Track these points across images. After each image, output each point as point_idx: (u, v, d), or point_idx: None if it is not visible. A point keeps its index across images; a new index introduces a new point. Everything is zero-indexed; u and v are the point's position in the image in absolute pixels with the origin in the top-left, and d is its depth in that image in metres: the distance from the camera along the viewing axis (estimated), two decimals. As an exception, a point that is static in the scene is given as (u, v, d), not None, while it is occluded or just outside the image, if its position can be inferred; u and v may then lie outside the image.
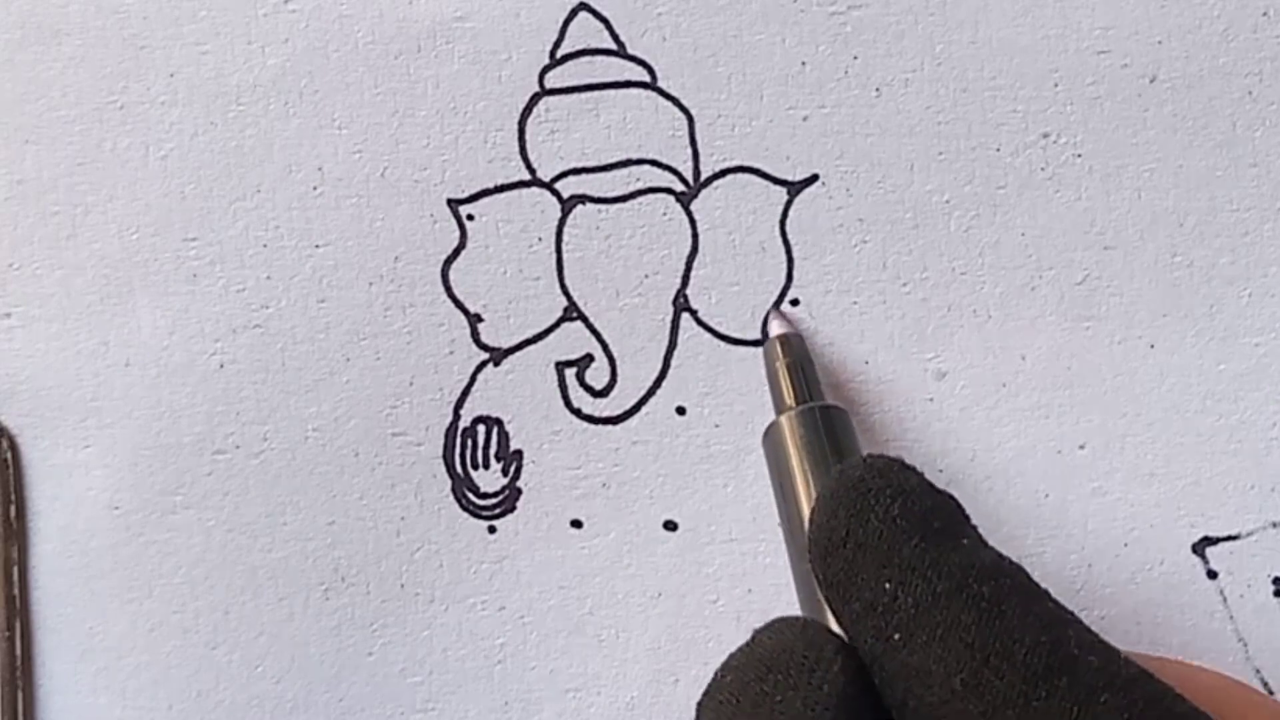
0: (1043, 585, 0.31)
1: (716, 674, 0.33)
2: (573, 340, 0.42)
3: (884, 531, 0.32)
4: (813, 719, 0.30)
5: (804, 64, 0.42)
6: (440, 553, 0.42)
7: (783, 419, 0.39)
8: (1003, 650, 0.29)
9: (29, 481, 0.43)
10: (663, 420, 0.42)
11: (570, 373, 0.42)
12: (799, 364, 0.40)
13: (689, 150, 0.42)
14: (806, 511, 0.37)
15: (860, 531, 0.32)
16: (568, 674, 0.42)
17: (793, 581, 0.37)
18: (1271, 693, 0.41)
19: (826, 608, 0.33)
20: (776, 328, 0.42)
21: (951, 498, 0.33)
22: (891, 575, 0.31)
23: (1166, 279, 0.42)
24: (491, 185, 0.42)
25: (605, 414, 0.42)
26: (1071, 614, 0.31)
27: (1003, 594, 0.30)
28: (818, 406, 0.39)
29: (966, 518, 0.33)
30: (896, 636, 0.30)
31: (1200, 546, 0.41)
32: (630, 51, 0.42)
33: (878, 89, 0.42)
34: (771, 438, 0.39)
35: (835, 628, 0.33)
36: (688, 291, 0.42)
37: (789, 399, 0.40)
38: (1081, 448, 0.42)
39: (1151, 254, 0.42)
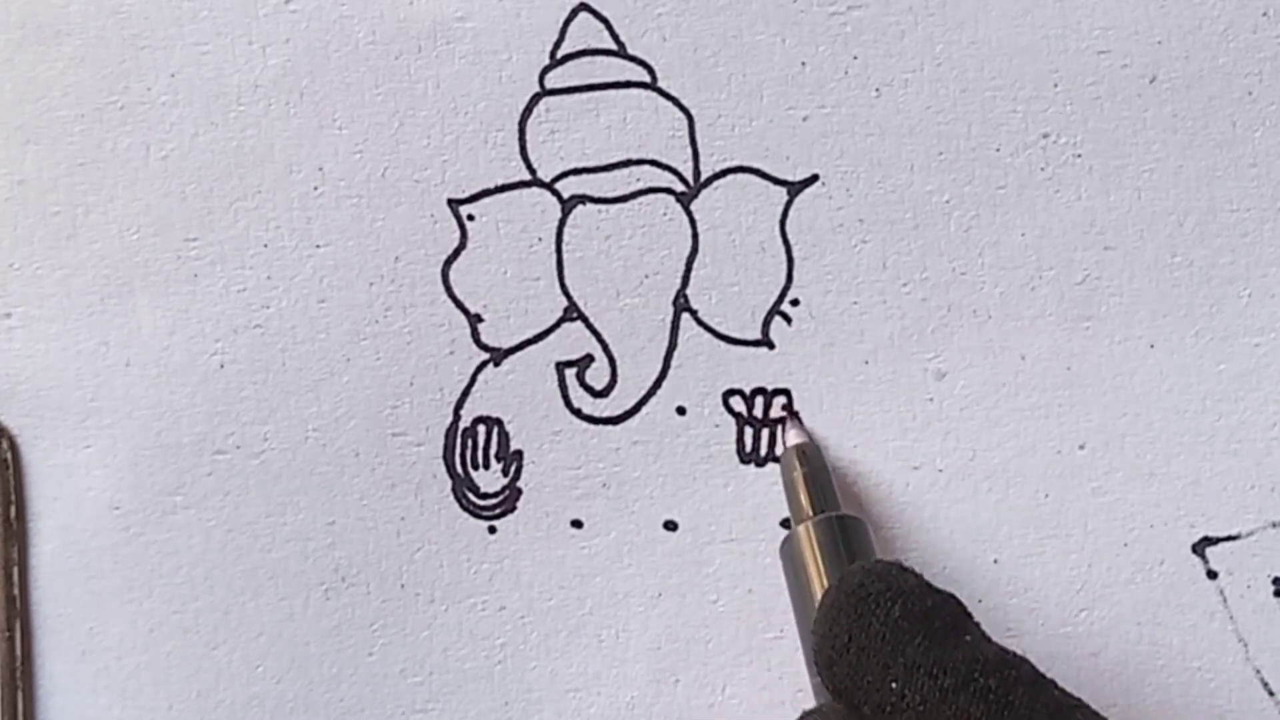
0: (1048, 675, 0.32)
1: None
2: (573, 340, 0.42)
3: (886, 634, 0.33)
4: None
5: (804, 64, 0.42)
6: (440, 553, 0.42)
7: (801, 529, 0.39)
8: None
9: (29, 481, 0.43)
10: (663, 420, 0.42)
11: (570, 373, 0.42)
12: (816, 474, 0.40)
13: (689, 150, 0.42)
14: None
15: (862, 635, 0.33)
16: (568, 674, 0.42)
17: (811, 692, 0.37)
18: (1272, 694, 0.41)
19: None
20: (794, 437, 0.41)
21: (952, 596, 0.34)
22: (897, 675, 0.32)
23: (1166, 279, 0.42)
24: (492, 185, 0.42)
25: (605, 414, 0.42)
26: (1077, 700, 0.32)
27: (1009, 686, 0.31)
28: (835, 516, 0.39)
29: (968, 614, 0.34)
30: None
31: (1200, 546, 0.41)
32: (630, 52, 0.42)
33: (878, 89, 0.42)
34: (789, 547, 0.39)
35: None
36: (688, 291, 0.42)
37: (807, 509, 0.40)
38: (1081, 448, 0.42)
39: (1151, 254, 0.42)
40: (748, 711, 0.42)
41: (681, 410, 0.42)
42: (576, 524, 0.42)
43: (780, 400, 0.42)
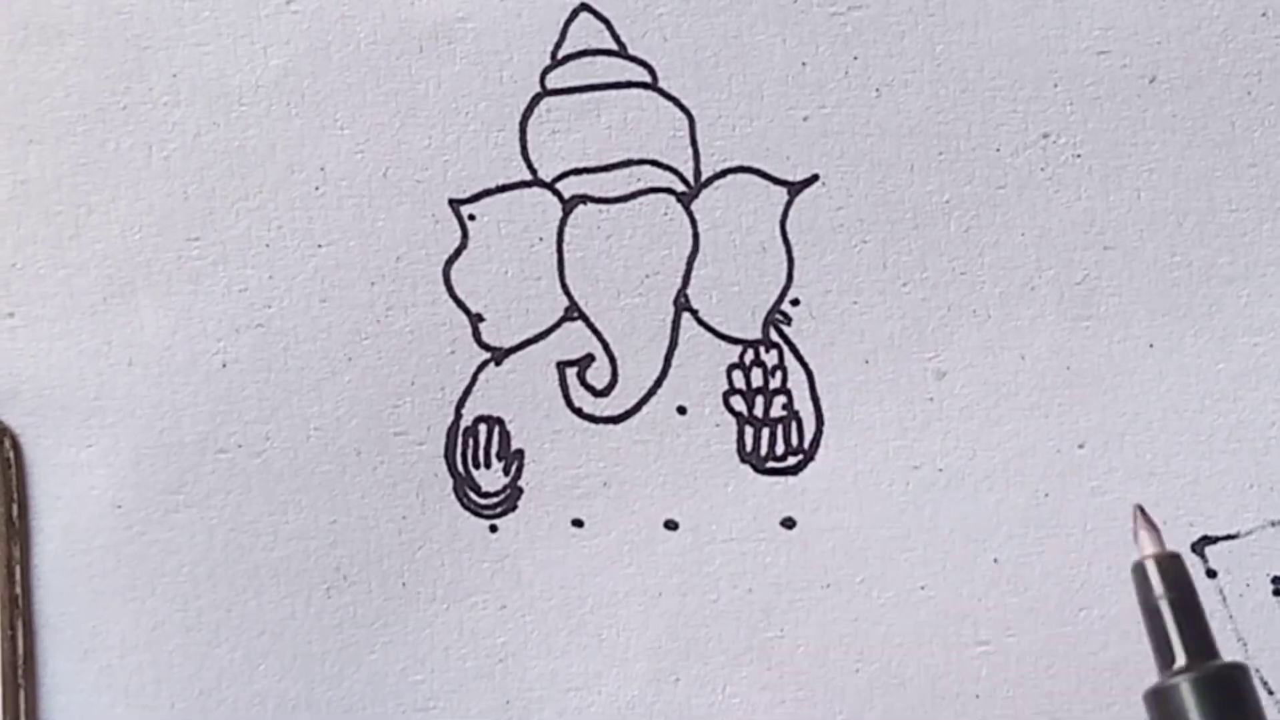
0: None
1: None
2: (574, 340, 0.42)
3: None
4: None
5: (804, 64, 0.42)
6: (442, 552, 0.42)
7: (1182, 687, 0.30)
8: None
9: (31, 481, 0.43)
10: (663, 420, 0.42)
11: (571, 372, 0.42)
12: (1188, 601, 0.32)
13: (689, 150, 0.42)
14: None
15: None
16: (568, 674, 0.42)
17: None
18: (1272, 693, 0.41)
19: None
20: (1150, 544, 0.33)
21: None
22: None
23: (1166, 279, 0.42)
24: (493, 185, 0.42)
25: (606, 413, 0.42)
26: None
27: None
28: (1219, 668, 0.31)
29: None
30: None
31: (1200, 546, 0.41)
32: (631, 52, 0.42)
33: (878, 89, 0.42)
34: (1164, 705, 0.31)
35: None
36: (688, 291, 0.42)
37: (1182, 655, 0.31)
38: (1081, 447, 0.42)
39: (1151, 254, 0.42)
40: (748, 711, 0.42)
41: (682, 410, 0.42)
42: (577, 523, 0.42)
43: (780, 400, 0.42)
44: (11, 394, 0.43)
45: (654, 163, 0.42)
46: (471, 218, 0.42)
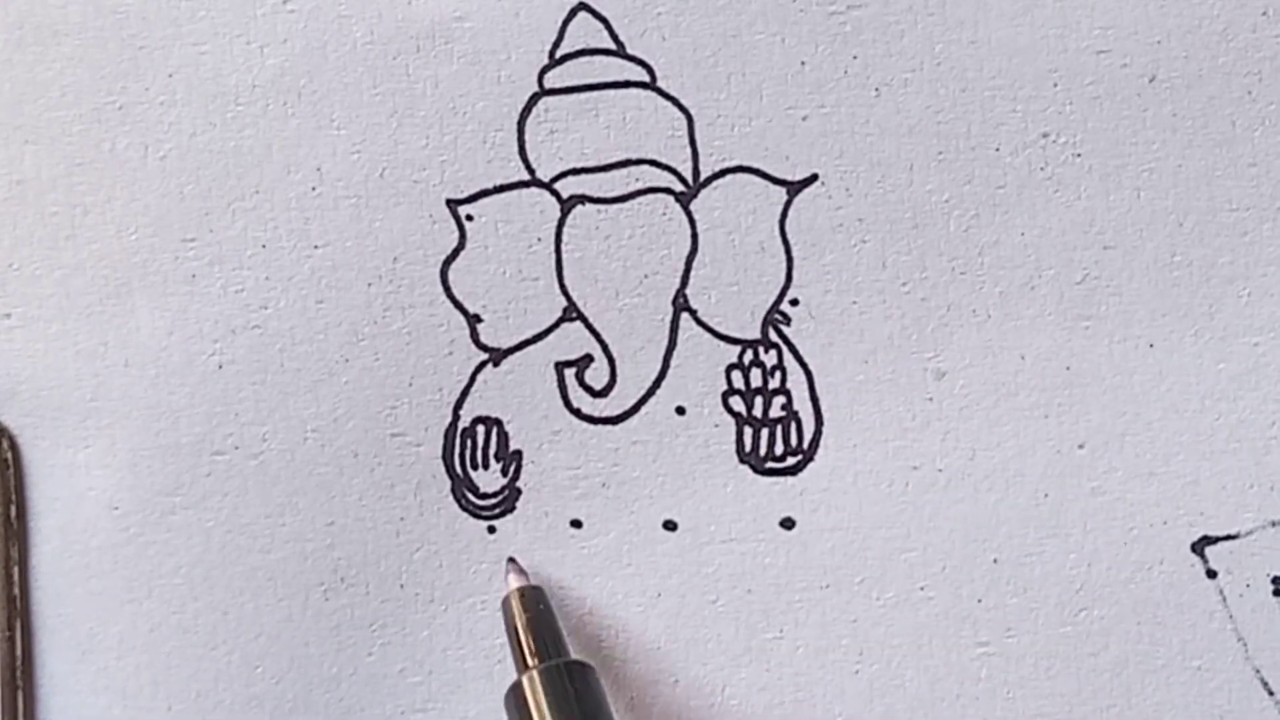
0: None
1: None
2: (572, 340, 0.42)
3: None
4: None
5: (804, 64, 0.42)
6: (440, 553, 0.42)
7: (524, 679, 0.38)
8: None
9: (29, 482, 0.43)
10: (662, 420, 0.42)
11: (570, 373, 0.42)
12: (540, 618, 0.40)
13: (688, 150, 0.42)
14: None
15: None
16: (567, 674, 0.42)
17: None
18: (1272, 693, 0.41)
19: None
20: (514, 580, 0.41)
21: None
22: None
23: (1166, 279, 0.42)
24: (491, 185, 0.42)
25: (605, 414, 0.42)
26: None
27: None
28: (563, 663, 0.39)
29: None
30: None
31: (1200, 546, 0.41)
32: (630, 51, 0.42)
33: (878, 89, 0.42)
34: (514, 700, 0.38)
35: None
36: (687, 291, 0.42)
37: (530, 657, 0.39)
38: (1081, 448, 0.42)
39: (1151, 254, 0.42)
40: (747, 713, 0.42)
41: (681, 410, 0.42)
42: (576, 524, 0.42)
43: (780, 400, 0.42)
44: (9, 395, 0.42)
45: (653, 162, 0.42)
46: (469, 218, 0.42)
